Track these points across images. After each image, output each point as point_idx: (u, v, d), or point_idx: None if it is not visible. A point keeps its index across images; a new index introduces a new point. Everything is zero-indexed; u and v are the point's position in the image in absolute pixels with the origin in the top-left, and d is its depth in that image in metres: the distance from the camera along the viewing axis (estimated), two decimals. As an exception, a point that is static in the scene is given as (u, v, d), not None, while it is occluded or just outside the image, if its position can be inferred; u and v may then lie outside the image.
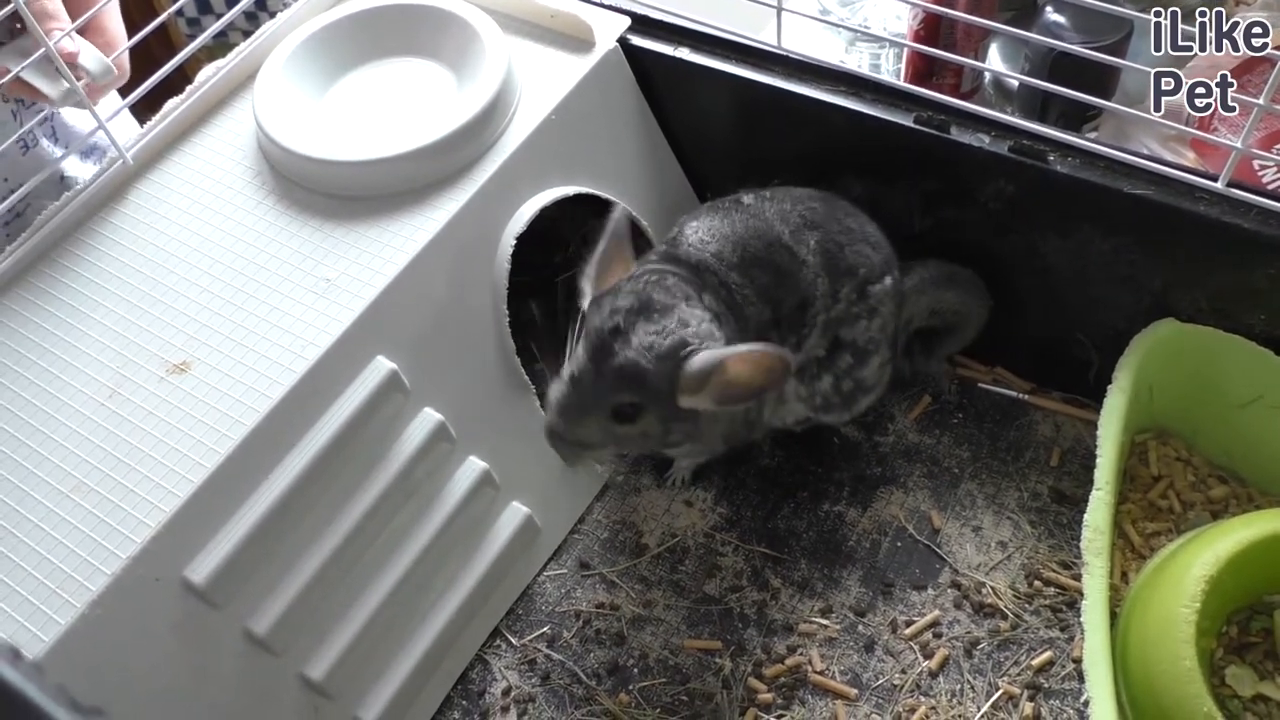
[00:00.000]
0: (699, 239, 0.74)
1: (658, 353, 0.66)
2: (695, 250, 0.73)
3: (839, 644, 0.75)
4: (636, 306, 0.67)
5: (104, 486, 0.64)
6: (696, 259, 0.73)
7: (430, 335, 0.74)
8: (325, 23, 0.83)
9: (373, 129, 0.78)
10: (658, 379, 0.66)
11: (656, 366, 0.66)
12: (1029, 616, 0.75)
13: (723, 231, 0.74)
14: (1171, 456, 0.79)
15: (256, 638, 0.65)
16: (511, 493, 0.78)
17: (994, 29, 0.78)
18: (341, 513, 0.69)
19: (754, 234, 0.74)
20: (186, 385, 0.68)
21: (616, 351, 0.66)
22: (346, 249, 0.73)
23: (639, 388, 0.66)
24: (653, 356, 0.66)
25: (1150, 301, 0.76)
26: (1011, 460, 0.83)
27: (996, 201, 0.77)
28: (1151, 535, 0.75)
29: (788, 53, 0.80)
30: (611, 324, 0.67)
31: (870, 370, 0.78)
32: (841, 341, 0.77)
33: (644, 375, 0.66)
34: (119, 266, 0.74)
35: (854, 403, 0.79)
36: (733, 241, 0.74)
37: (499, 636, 0.77)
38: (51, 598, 0.60)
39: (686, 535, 0.81)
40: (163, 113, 0.80)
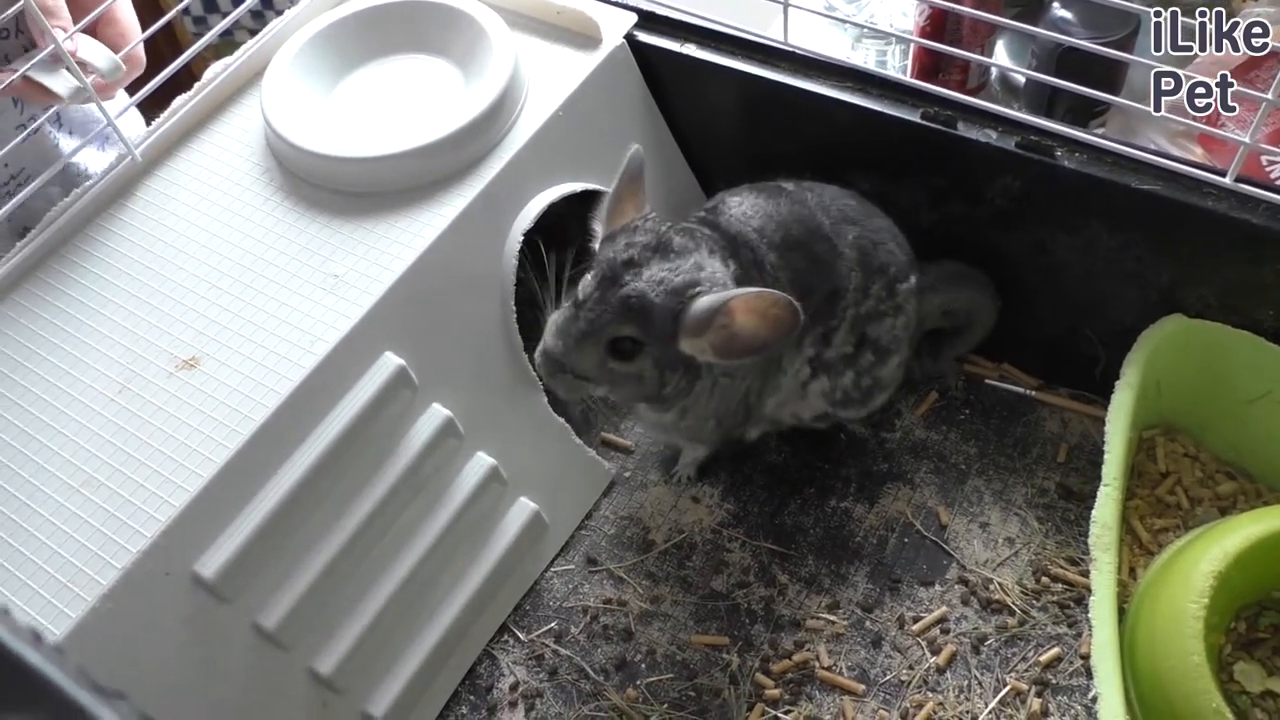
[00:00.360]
0: (742, 213, 0.73)
1: (667, 287, 0.65)
2: (737, 222, 0.73)
3: (846, 640, 0.75)
4: (654, 244, 0.67)
5: (114, 481, 0.64)
6: (736, 230, 0.72)
7: (438, 331, 0.74)
8: (332, 20, 0.83)
9: (380, 125, 0.79)
10: (662, 315, 0.65)
11: (663, 300, 0.64)
12: (1036, 613, 0.75)
13: (767, 210, 0.74)
14: (1179, 452, 0.79)
15: (266, 632, 0.65)
16: (519, 488, 0.78)
17: (1001, 24, 0.78)
18: (350, 508, 0.69)
19: (797, 219, 0.74)
20: (195, 381, 0.68)
21: (626, 281, 0.65)
22: (354, 245, 0.73)
23: (642, 322, 0.65)
24: (661, 290, 0.65)
25: (1158, 297, 0.76)
26: (1019, 456, 0.83)
27: (1003, 197, 0.77)
28: (1159, 531, 0.75)
29: (794, 49, 0.80)
30: (626, 256, 0.66)
31: (889, 369, 0.78)
32: (867, 338, 0.77)
33: (649, 309, 0.65)
34: (128, 263, 0.74)
35: (871, 399, 0.80)
36: (776, 221, 0.73)
37: (507, 632, 0.78)
38: (63, 591, 0.60)
39: (694, 531, 0.81)
40: (171, 109, 0.80)
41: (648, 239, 0.67)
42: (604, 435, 0.87)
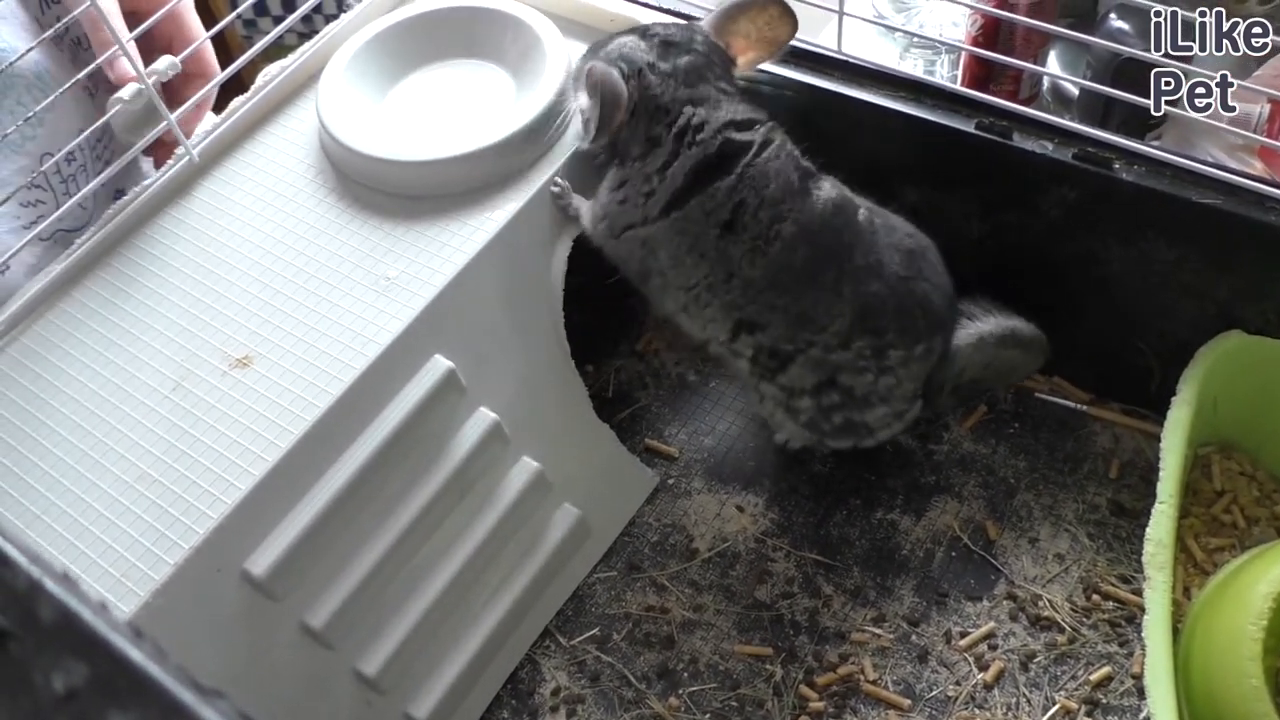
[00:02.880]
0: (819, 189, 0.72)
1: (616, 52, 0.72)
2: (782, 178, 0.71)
3: (892, 653, 0.74)
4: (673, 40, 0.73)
5: (168, 478, 0.65)
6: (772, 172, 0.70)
7: (487, 335, 0.74)
8: (388, 24, 0.84)
9: (434, 129, 0.79)
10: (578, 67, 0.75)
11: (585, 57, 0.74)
12: (1087, 630, 0.74)
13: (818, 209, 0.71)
14: (1235, 471, 0.78)
15: (313, 631, 0.66)
16: (563, 494, 0.78)
17: (1056, 34, 0.78)
18: (397, 509, 0.69)
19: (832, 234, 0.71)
20: (249, 380, 0.68)
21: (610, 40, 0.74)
22: (406, 248, 0.74)
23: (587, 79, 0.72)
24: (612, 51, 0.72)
25: (1216, 312, 0.75)
26: (1069, 471, 0.82)
27: (1058, 209, 0.76)
28: (1215, 550, 0.74)
29: (848, 57, 0.80)
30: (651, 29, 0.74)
31: (874, 416, 0.75)
32: (837, 383, 0.73)
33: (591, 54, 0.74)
34: (184, 262, 0.75)
35: (859, 435, 0.76)
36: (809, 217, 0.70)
37: (549, 637, 0.77)
38: (116, 586, 0.61)
39: (737, 540, 0.81)
40: (228, 111, 0.81)
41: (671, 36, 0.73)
42: (648, 442, 0.87)
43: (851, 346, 0.72)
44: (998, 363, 0.79)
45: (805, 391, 0.74)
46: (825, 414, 0.75)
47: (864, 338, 0.72)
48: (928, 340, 0.73)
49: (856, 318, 0.71)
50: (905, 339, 0.72)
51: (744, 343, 0.74)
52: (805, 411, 0.75)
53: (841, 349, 0.72)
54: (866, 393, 0.74)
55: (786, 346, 0.73)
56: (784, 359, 0.73)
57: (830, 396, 0.74)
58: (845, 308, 0.71)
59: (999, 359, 0.79)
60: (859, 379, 0.73)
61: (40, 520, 0.64)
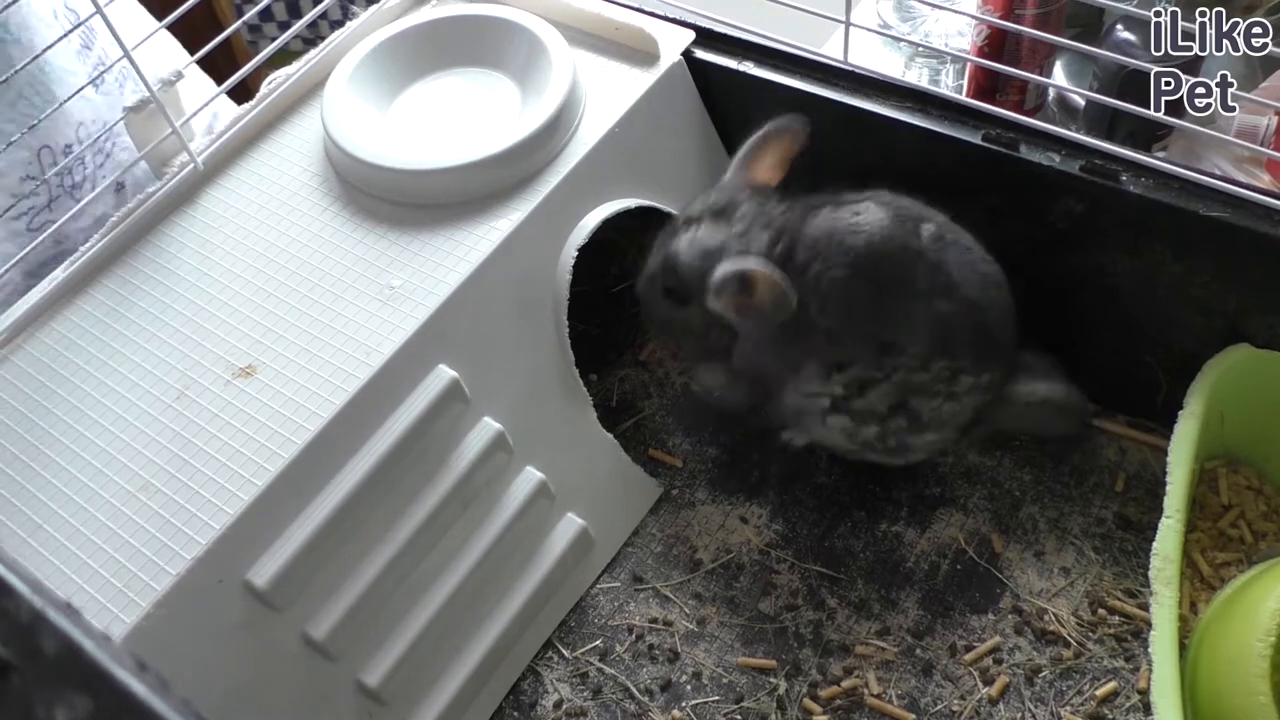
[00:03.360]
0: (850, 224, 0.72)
1: (698, 249, 0.73)
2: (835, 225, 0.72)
3: (896, 667, 0.74)
4: (719, 209, 0.74)
5: (170, 487, 0.65)
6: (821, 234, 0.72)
7: (491, 345, 0.74)
8: (393, 33, 0.84)
9: (439, 138, 0.79)
10: (690, 273, 0.73)
11: (691, 262, 0.73)
12: (1093, 645, 0.73)
13: (873, 237, 0.71)
14: (1243, 485, 0.77)
15: (315, 642, 0.65)
16: (567, 504, 0.77)
17: (1064, 46, 0.77)
18: (400, 520, 0.69)
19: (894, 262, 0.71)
20: (252, 389, 0.68)
21: (675, 238, 0.74)
22: (411, 257, 0.73)
23: (676, 277, 0.74)
24: (693, 252, 0.73)
25: (1223, 325, 0.74)
26: (1075, 484, 0.81)
27: (1065, 220, 0.76)
28: (1221, 565, 0.73)
29: (854, 68, 0.80)
30: (695, 212, 0.74)
31: (924, 440, 0.75)
32: (907, 407, 0.73)
33: (678, 267, 0.73)
34: (188, 270, 0.75)
35: (900, 455, 0.77)
36: (873, 250, 0.71)
37: (551, 648, 0.77)
38: (118, 597, 0.60)
39: (741, 552, 0.81)
40: (233, 119, 0.81)
41: (719, 200, 0.74)
42: (651, 451, 0.87)
43: (931, 368, 0.72)
44: (1040, 424, 0.79)
45: (875, 418, 0.74)
46: (883, 437, 0.75)
47: (942, 359, 0.72)
48: (993, 371, 0.73)
49: (931, 338, 0.71)
50: (976, 365, 0.72)
51: (834, 382, 0.74)
52: (865, 436, 0.75)
53: (922, 370, 0.72)
54: (930, 418, 0.74)
55: (876, 374, 0.73)
56: (867, 385, 0.73)
57: (898, 421, 0.74)
58: (919, 329, 0.71)
59: (1044, 420, 0.78)
60: (929, 403, 0.73)
61: (42, 530, 0.64)
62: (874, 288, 0.71)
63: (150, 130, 0.76)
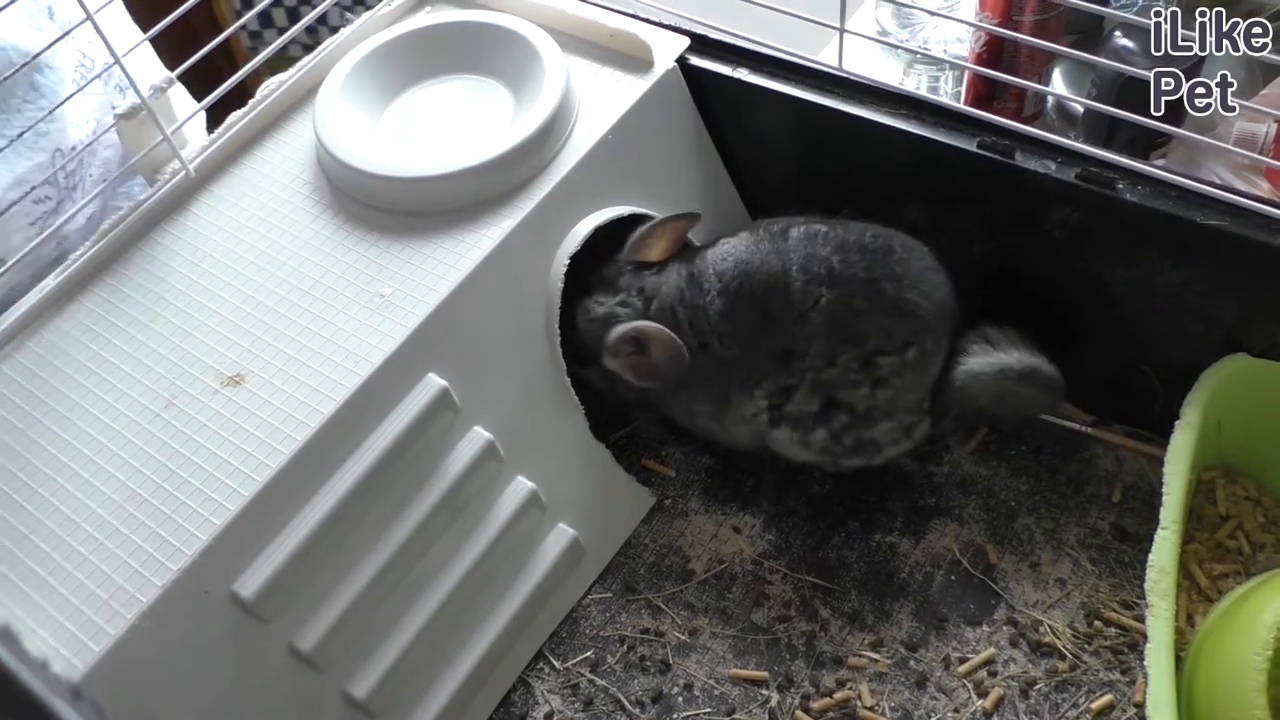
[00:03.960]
0: (719, 254, 0.77)
1: (592, 316, 0.78)
2: (709, 261, 0.77)
3: (890, 679, 0.73)
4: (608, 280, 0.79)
5: (157, 497, 0.64)
6: (701, 269, 0.77)
7: (481, 353, 0.73)
8: (386, 39, 0.83)
9: (431, 145, 0.79)
10: (590, 339, 0.78)
11: (588, 328, 0.78)
12: (1088, 657, 0.72)
13: (740, 256, 0.76)
14: (1240, 495, 0.76)
15: (302, 654, 0.65)
16: (558, 514, 0.77)
17: (1061, 53, 0.77)
18: (389, 530, 0.68)
19: (763, 271, 0.74)
20: (240, 398, 0.68)
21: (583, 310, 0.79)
22: (401, 265, 0.73)
23: (582, 343, 0.78)
24: (587, 319, 0.78)
25: (1221, 335, 0.74)
26: (1071, 495, 0.80)
27: (1061, 229, 0.76)
28: (1219, 577, 0.73)
29: (849, 75, 0.79)
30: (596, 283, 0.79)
31: (882, 431, 0.75)
32: (837, 401, 0.75)
33: (582, 334, 0.78)
34: (178, 278, 0.75)
35: (872, 453, 0.77)
36: (743, 270, 0.75)
37: (542, 659, 0.77)
38: (103, 608, 0.60)
39: (734, 562, 0.80)
40: (225, 125, 0.81)
41: (608, 273, 0.79)
42: (644, 461, 0.86)
43: (837, 362, 0.74)
44: (1013, 398, 0.77)
45: (814, 419, 0.75)
46: (836, 438, 0.76)
47: (846, 349, 0.73)
48: (919, 344, 0.73)
49: (829, 331, 0.73)
50: (891, 342, 0.73)
51: (758, 398, 0.76)
52: (818, 442, 0.76)
53: (829, 366, 0.74)
54: (867, 407, 0.74)
55: (789, 381, 0.75)
56: (790, 391, 0.75)
57: (839, 419, 0.75)
58: (813, 325, 0.73)
59: (1016, 394, 0.76)
60: (855, 393, 0.74)
61: (28, 540, 0.63)
62: (753, 303, 0.74)
63: (142, 137, 0.76)
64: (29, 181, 0.74)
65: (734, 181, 0.89)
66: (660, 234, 0.78)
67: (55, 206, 0.79)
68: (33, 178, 0.74)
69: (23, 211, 0.76)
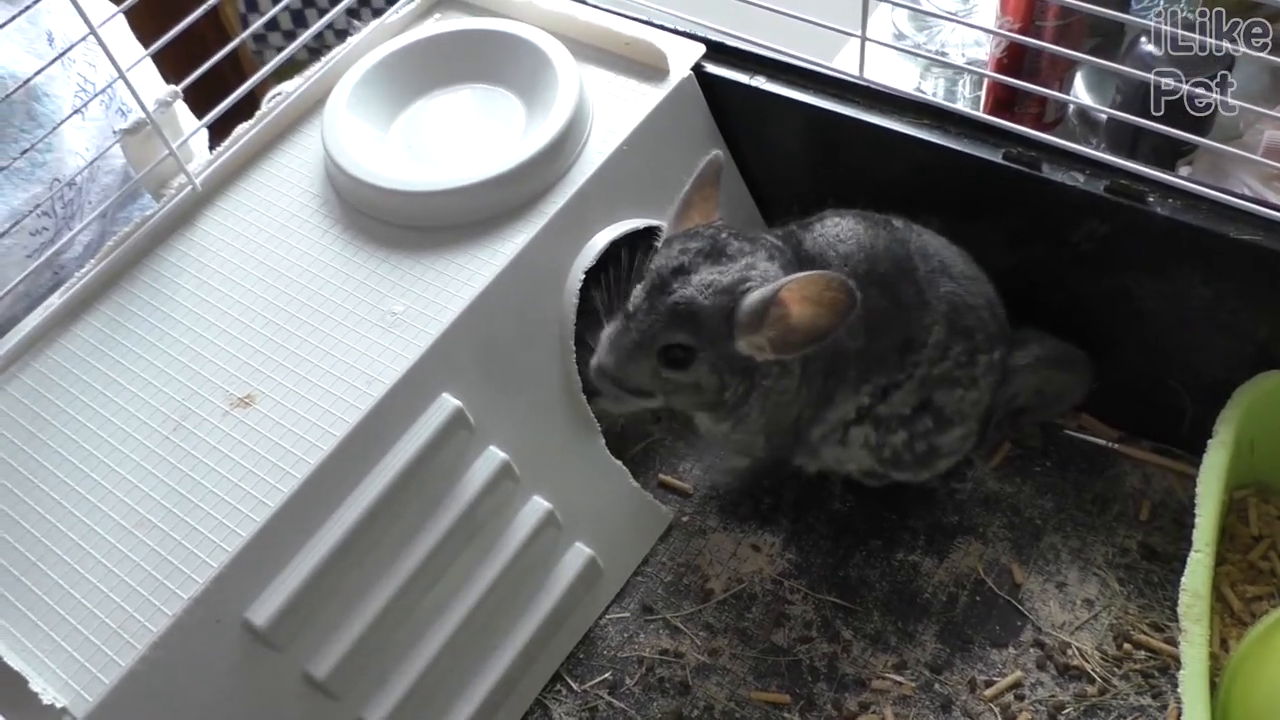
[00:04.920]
0: (835, 234, 0.70)
1: (716, 288, 0.64)
2: (822, 241, 0.69)
3: (914, 703, 0.72)
4: (708, 250, 0.66)
5: (167, 523, 0.63)
6: (816, 251, 0.69)
7: (496, 371, 0.72)
8: (395, 48, 0.82)
9: (442, 157, 0.77)
10: (713, 316, 0.64)
11: (713, 302, 0.64)
12: (1118, 681, 0.71)
13: (862, 239, 0.70)
14: (1273, 515, 0.75)
15: (316, 681, 0.64)
16: (575, 533, 0.75)
17: (1088, 62, 0.75)
18: (404, 553, 0.67)
19: (891, 255, 0.70)
20: (250, 420, 0.66)
21: (675, 289, 0.64)
22: (413, 281, 0.71)
23: (693, 327, 0.64)
24: (710, 292, 0.64)
25: (1254, 351, 0.72)
26: (1098, 513, 0.79)
27: (1089, 242, 0.74)
28: (1252, 600, 0.71)
29: (869, 83, 0.78)
30: (676, 262, 0.65)
31: (949, 438, 0.74)
32: (931, 403, 0.73)
33: (698, 313, 0.64)
34: (186, 295, 0.73)
35: (927, 465, 0.76)
36: (867, 251, 0.69)
37: (559, 681, 0.75)
38: (113, 638, 0.59)
39: (753, 581, 0.78)
40: (232, 138, 0.79)
41: (701, 245, 0.66)
42: (661, 478, 0.85)
43: (949, 355, 0.71)
44: (1050, 388, 0.77)
45: (901, 421, 0.73)
46: (910, 444, 0.74)
47: (959, 342, 0.71)
48: (1002, 346, 0.73)
49: (948, 320, 0.70)
50: (989, 341, 0.72)
51: (864, 393, 0.72)
52: (893, 445, 0.74)
53: (941, 360, 0.71)
54: (953, 412, 0.73)
55: (899, 376, 0.72)
56: (892, 389, 0.72)
57: (924, 422, 0.73)
58: (935, 314, 0.70)
59: (1051, 383, 0.76)
60: (950, 395, 0.72)
61: (35, 568, 0.62)
62: (884, 289, 0.69)
63: (146, 152, 0.74)
64: (25, 214, 0.72)
65: (750, 190, 0.88)
66: (699, 196, 0.70)
67: (52, 238, 0.78)
68: (28, 210, 0.73)
69: (19, 245, 0.75)
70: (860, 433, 0.74)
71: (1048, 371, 0.75)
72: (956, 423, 0.74)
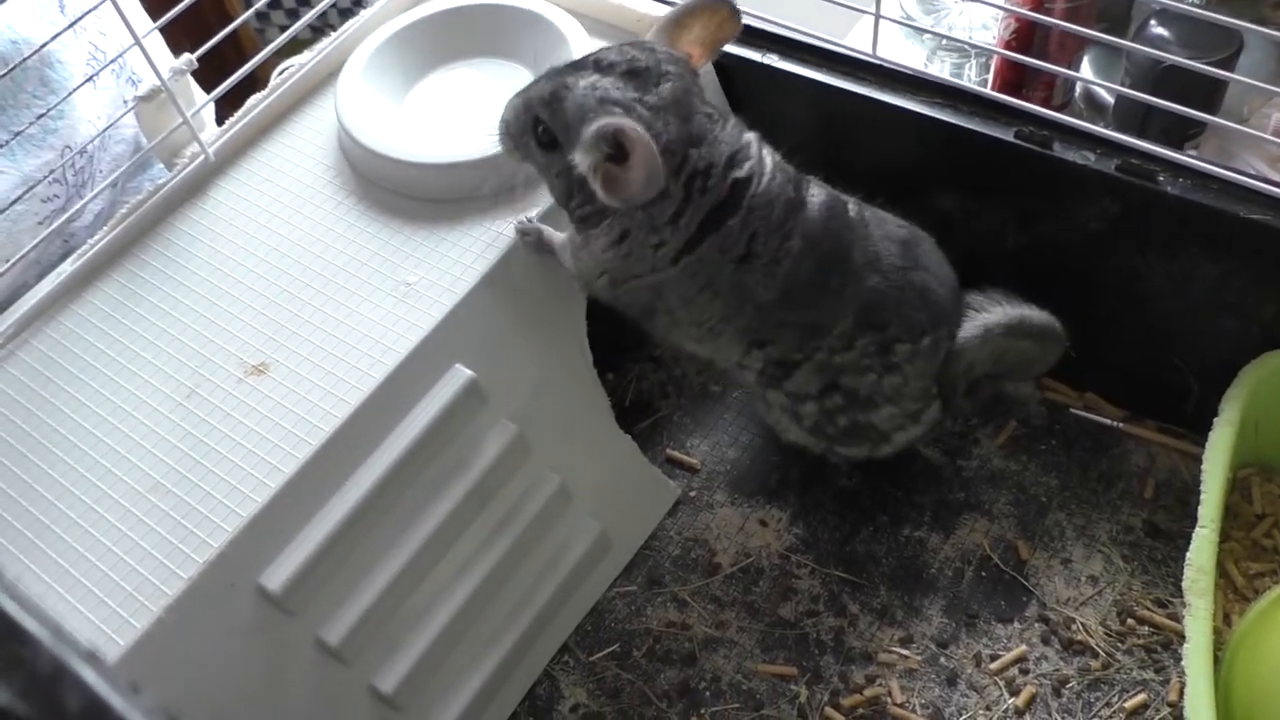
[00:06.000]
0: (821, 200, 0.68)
1: (596, 95, 0.61)
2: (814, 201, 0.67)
3: (920, 676, 0.72)
4: (636, 69, 0.62)
5: (181, 488, 0.63)
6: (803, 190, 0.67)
7: (508, 344, 0.72)
8: (409, 21, 0.82)
9: (455, 130, 0.77)
10: (573, 117, 0.61)
11: (581, 102, 0.61)
12: (1121, 656, 0.72)
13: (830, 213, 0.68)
14: (1276, 494, 0.75)
15: (328, 647, 0.64)
16: (584, 506, 0.76)
17: (1096, 39, 0.75)
18: (416, 523, 0.67)
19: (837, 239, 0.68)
20: (264, 388, 0.67)
21: (574, 76, 0.62)
22: (427, 253, 0.72)
23: (554, 115, 0.62)
24: (586, 92, 0.61)
25: (1259, 331, 0.73)
26: (1103, 490, 0.79)
27: (1099, 221, 0.74)
28: (1255, 576, 0.72)
29: (883, 61, 0.78)
30: (608, 60, 0.63)
31: (880, 416, 0.72)
32: (839, 386, 0.71)
33: (563, 102, 0.62)
34: (199, 264, 0.73)
35: (870, 439, 0.74)
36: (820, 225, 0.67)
37: (568, 652, 0.76)
38: (128, 601, 0.59)
39: (761, 556, 0.79)
40: (245, 109, 0.79)
41: (636, 61, 0.62)
42: (669, 452, 0.85)
43: (855, 346, 0.70)
44: (1009, 355, 0.75)
45: (810, 396, 0.72)
46: (829, 417, 0.73)
47: (867, 334, 0.69)
48: (933, 332, 0.71)
49: (859, 315, 0.69)
50: (910, 331, 0.70)
51: (754, 358, 0.71)
52: (809, 416, 0.73)
53: (845, 350, 0.70)
54: (870, 393, 0.71)
55: (795, 356, 0.71)
56: (790, 367, 0.71)
57: (833, 399, 0.72)
58: (847, 307, 0.69)
59: (1010, 351, 0.74)
60: (862, 379, 0.71)
61: (50, 531, 0.62)
62: (817, 264, 0.67)
63: (160, 120, 0.74)
64: (35, 179, 0.72)
65: (761, 169, 0.88)
66: (696, 17, 0.66)
67: (63, 205, 0.78)
68: (41, 176, 0.73)
69: (31, 211, 0.75)
70: (776, 397, 0.74)
71: (1001, 340, 0.72)
72: (881, 403, 0.72)
